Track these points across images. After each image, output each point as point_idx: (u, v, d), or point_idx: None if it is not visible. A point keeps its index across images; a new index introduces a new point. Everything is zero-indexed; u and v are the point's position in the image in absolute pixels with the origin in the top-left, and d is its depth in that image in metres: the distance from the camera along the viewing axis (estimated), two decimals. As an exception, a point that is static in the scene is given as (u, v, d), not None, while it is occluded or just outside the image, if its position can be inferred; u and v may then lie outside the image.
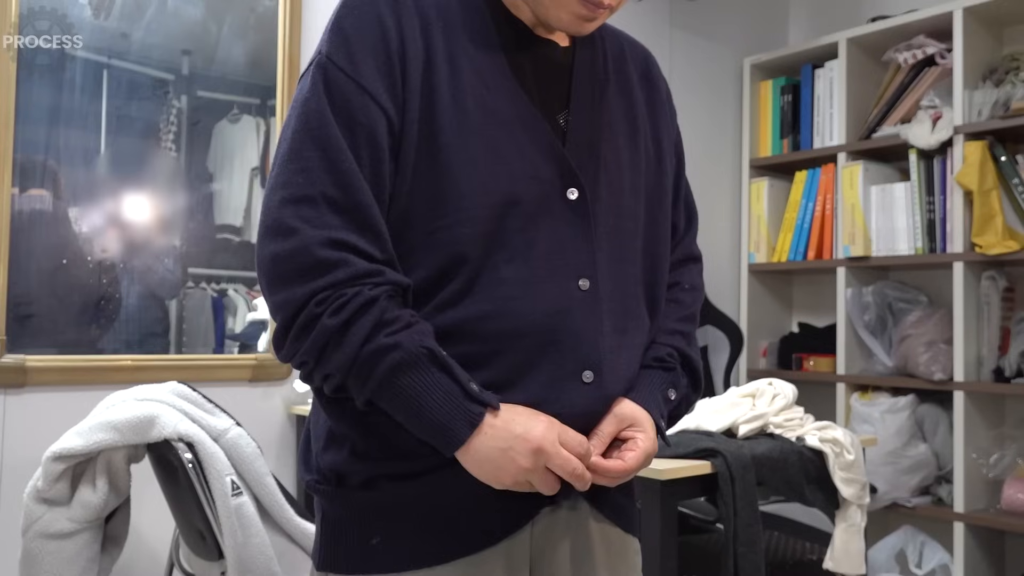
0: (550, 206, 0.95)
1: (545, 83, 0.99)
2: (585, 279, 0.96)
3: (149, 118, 2.17)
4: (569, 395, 0.93)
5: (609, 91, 1.06)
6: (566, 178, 0.96)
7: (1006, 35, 2.86)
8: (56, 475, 1.61)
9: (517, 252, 0.92)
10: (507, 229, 0.92)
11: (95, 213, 2.10)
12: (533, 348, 0.92)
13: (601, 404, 0.96)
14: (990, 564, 2.70)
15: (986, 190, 2.63)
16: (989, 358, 2.68)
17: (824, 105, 3.09)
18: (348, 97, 0.90)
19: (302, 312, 0.86)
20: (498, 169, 0.92)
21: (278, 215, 0.87)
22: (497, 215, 0.92)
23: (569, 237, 0.95)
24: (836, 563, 1.93)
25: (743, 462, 1.81)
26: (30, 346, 1.99)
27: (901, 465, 2.72)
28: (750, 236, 3.27)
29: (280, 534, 1.74)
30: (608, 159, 1.01)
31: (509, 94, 0.96)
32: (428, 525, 0.93)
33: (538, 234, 0.93)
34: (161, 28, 2.19)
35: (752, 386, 2.12)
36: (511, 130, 0.94)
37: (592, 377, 0.95)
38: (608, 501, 1.03)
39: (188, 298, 2.24)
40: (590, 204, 0.97)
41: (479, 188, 0.91)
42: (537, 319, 0.92)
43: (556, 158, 0.96)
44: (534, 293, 0.92)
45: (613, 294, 0.98)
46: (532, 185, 0.94)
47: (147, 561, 2.12)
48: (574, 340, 0.94)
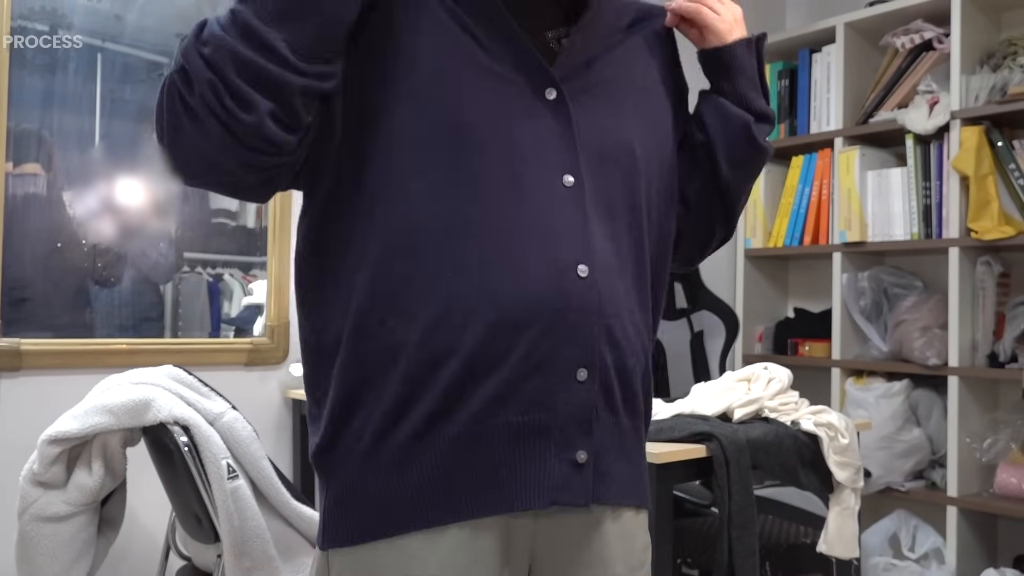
0: (526, 105, 0.95)
1: (539, 5, 1.01)
2: (569, 175, 0.95)
3: (144, 101, 2.16)
4: (568, 289, 0.92)
5: (622, 27, 1.07)
6: (541, 79, 0.96)
7: (1004, 20, 2.86)
8: (52, 458, 1.62)
9: (497, 150, 0.93)
10: (480, 125, 0.92)
11: (90, 197, 2.09)
12: (527, 247, 0.92)
13: (598, 302, 0.94)
14: (983, 548, 2.72)
15: (982, 175, 2.63)
16: (984, 343, 2.69)
17: (821, 90, 3.09)
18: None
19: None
20: (474, 79, 0.93)
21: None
22: (475, 123, 0.92)
23: (550, 134, 0.95)
24: (830, 546, 1.94)
25: (738, 446, 1.82)
26: (25, 330, 1.99)
27: (895, 449, 2.73)
28: (746, 221, 3.27)
29: (276, 517, 1.75)
30: (606, 76, 1.02)
31: (487, 12, 0.96)
32: (429, 487, 0.92)
33: (519, 133, 0.94)
34: (155, 11, 2.18)
35: (747, 370, 2.12)
36: (488, 47, 0.95)
37: (587, 271, 0.94)
38: (618, 484, 1.01)
39: (183, 282, 2.24)
40: (570, 105, 0.97)
41: (450, 100, 0.92)
42: (526, 219, 0.92)
43: (529, 64, 0.96)
44: (521, 193, 0.92)
45: (599, 196, 0.98)
46: (503, 85, 0.94)
47: (143, 544, 2.12)
48: (565, 234, 0.93)
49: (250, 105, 0.83)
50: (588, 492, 0.95)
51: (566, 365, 0.93)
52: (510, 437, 0.92)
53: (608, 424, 0.99)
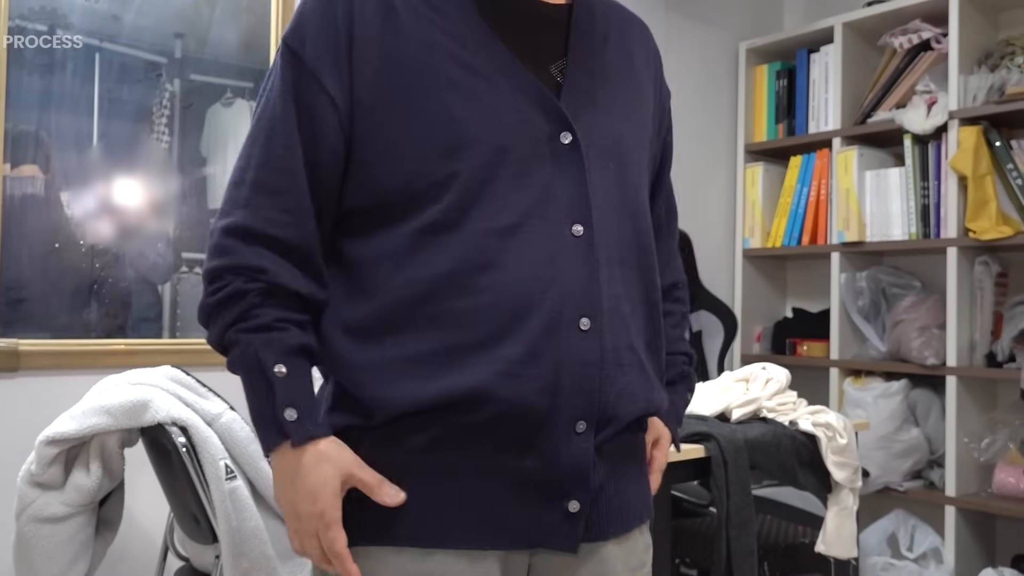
0: (541, 151, 0.94)
1: (534, 36, 0.99)
2: (579, 225, 0.94)
3: (142, 102, 2.16)
4: (567, 343, 0.92)
5: (609, 45, 1.06)
6: (557, 123, 0.95)
7: (1002, 20, 2.86)
8: (49, 459, 1.61)
9: (508, 199, 0.92)
10: (497, 177, 0.92)
11: (87, 197, 2.08)
12: (526, 296, 0.91)
13: (599, 354, 0.94)
14: (981, 548, 2.72)
15: (980, 175, 2.63)
16: (982, 343, 2.69)
17: (819, 90, 3.09)
18: (295, 80, 0.95)
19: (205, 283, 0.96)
20: (482, 117, 0.93)
21: (225, 195, 0.97)
22: (486, 163, 0.92)
23: (562, 182, 0.94)
24: (828, 546, 1.94)
25: (736, 446, 1.82)
26: (23, 330, 1.99)
27: (893, 449, 2.73)
28: (744, 221, 3.27)
29: (274, 518, 1.75)
30: (606, 107, 1.01)
31: (487, 48, 0.95)
32: (434, 505, 0.93)
33: (529, 180, 0.93)
34: (153, 10, 2.17)
35: (745, 370, 2.12)
36: (493, 82, 0.94)
37: (589, 325, 0.93)
38: (617, 520, 1.02)
39: (182, 283, 2.23)
40: (583, 149, 0.96)
41: (463, 139, 0.91)
42: (529, 267, 0.91)
43: (545, 104, 0.95)
44: (526, 240, 0.92)
45: (609, 241, 0.97)
46: (522, 130, 0.94)
47: (141, 545, 2.12)
48: (569, 287, 0.92)
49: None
50: (576, 539, 0.96)
51: (566, 417, 0.93)
52: (506, 480, 0.93)
53: (611, 467, 1.00)
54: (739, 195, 3.31)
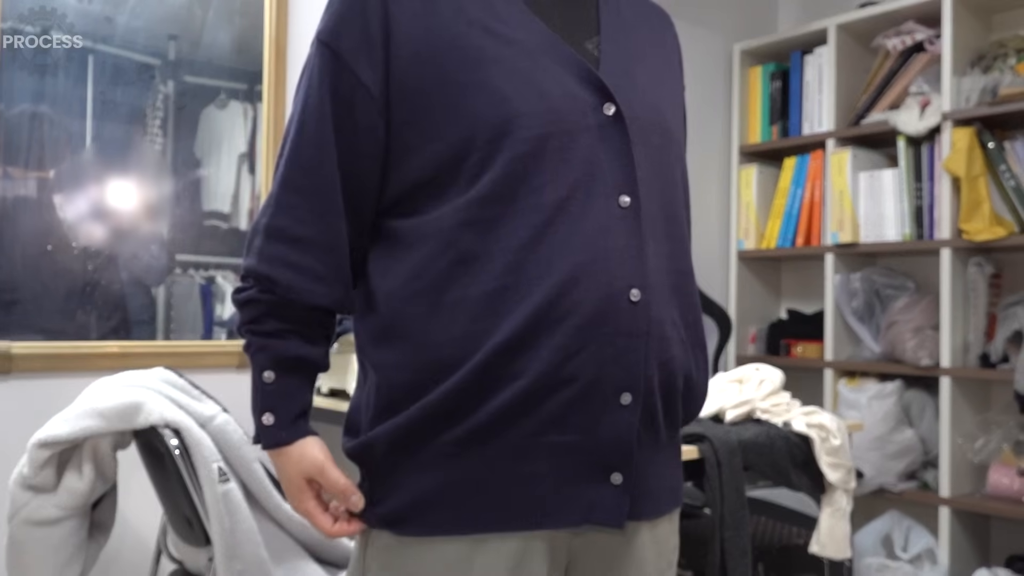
0: (586, 123, 0.95)
1: (568, 12, 1.01)
2: (626, 196, 0.95)
3: (135, 103, 2.16)
4: (616, 316, 0.92)
5: (640, 27, 1.08)
6: (599, 95, 0.96)
7: (995, 21, 2.87)
8: (42, 462, 1.61)
9: (556, 172, 0.93)
10: (544, 150, 0.92)
11: (80, 199, 2.08)
12: (577, 268, 0.91)
13: (647, 325, 0.94)
14: (975, 548, 2.73)
15: (974, 177, 2.63)
16: (975, 344, 2.70)
17: (813, 91, 3.09)
18: (333, 74, 0.97)
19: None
20: (527, 92, 0.93)
21: (268, 197, 1.03)
22: (533, 136, 0.92)
23: (607, 155, 0.95)
24: (822, 547, 1.94)
25: (730, 447, 1.82)
26: (15, 332, 1.98)
27: (887, 450, 2.73)
28: (739, 223, 3.28)
29: (268, 520, 1.74)
30: (643, 82, 1.02)
31: (526, 24, 0.97)
32: (476, 491, 0.94)
33: (576, 153, 0.93)
34: (146, 12, 2.17)
35: (739, 371, 2.12)
36: (534, 58, 0.95)
37: (639, 296, 0.94)
38: (655, 499, 1.02)
39: (175, 285, 2.23)
40: (628, 122, 0.97)
41: (510, 114, 0.92)
42: (580, 239, 0.92)
43: (587, 77, 0.96)
44: (575, 213, 0.92)
45: (653, 212, 0.98)
46: (567, 103, 0.94)
47: (134, 548, 2.12)
48: (619, 258, 0.93)
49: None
50: (623, 513, 0.96)
51: (611, 389, 0.93)
52: (550, 456, 0.93)
53: (649, 443, 0.99)
54: (733, 196, 3.31)
